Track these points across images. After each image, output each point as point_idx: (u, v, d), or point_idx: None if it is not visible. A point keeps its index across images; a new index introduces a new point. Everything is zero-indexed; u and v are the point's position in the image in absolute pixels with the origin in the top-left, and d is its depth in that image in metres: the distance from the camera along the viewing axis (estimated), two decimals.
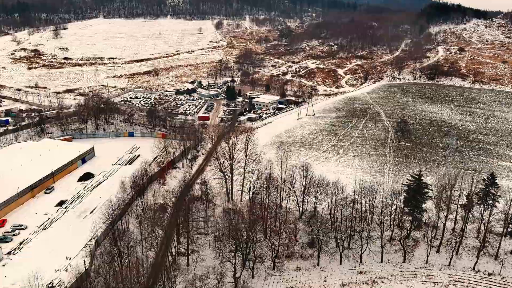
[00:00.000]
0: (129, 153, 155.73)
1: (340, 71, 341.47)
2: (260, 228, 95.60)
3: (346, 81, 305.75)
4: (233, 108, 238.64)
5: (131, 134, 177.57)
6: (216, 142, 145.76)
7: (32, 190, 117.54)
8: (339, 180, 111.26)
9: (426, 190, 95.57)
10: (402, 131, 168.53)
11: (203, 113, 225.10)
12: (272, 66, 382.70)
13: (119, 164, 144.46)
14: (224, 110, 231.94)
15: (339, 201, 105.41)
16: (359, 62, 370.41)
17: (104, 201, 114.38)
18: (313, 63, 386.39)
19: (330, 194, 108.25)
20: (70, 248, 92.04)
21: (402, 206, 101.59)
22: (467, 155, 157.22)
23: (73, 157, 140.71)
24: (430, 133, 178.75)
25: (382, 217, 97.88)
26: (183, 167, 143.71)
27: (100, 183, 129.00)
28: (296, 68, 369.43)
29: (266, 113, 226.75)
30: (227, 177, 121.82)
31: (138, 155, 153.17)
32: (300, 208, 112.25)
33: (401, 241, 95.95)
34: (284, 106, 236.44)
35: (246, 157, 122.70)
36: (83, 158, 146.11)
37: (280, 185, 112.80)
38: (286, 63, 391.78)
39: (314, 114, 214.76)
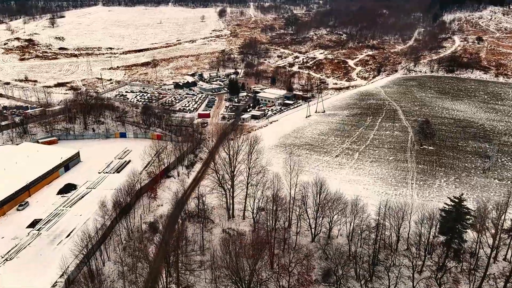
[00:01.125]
0: (119, 158, 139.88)
1: (351, 62, 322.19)
2: (266, 261, 79.86)
3: (357, 74, 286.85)
4: (236, 104, 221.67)
5: (122, 135, 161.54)
6: (214, 147, 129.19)
7: (2, 207, 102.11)
8: (359, 198, 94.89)
9: (468, 217, 78.77)
10: (425, 132, 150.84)
11: (203, 110, 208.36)
12: (278, 56, 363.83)
13: (106, 172, 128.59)
14: (226, 106, 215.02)
15: (360, 225, 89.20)
16: (370, 53, 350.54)
17: (85, 220, 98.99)
18: (321, 53, 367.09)
19: (349, 215, 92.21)
20: (37, 286, 76.69)
21: (436, 233, 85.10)
22: (499, 162, 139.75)
23: (55, 164, 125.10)
24: (455, 135, 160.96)
25: (411, 247, 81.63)
26: (178, 175, 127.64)
27: (83, 196, 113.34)
28: (303, 58, 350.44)
29: (271, 109, 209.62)
30: (227, 191, 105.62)
31: (129, 161, 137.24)
32: (313, 231, 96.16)
33: (435, 275, 79.86)
34: (291, 102, 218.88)
35: (249, 169, 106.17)
36: (67, 165, 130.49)
37: (289, 206, 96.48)
38: (292, 53, 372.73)
39: (324, 111, 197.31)
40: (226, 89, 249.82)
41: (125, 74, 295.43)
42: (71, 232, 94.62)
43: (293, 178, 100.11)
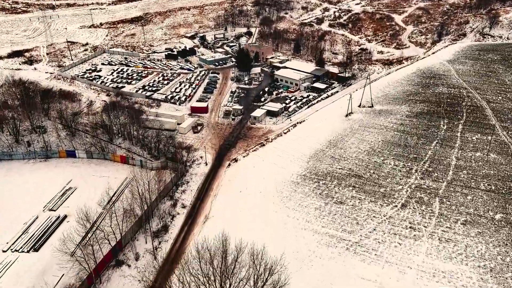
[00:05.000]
0: (51, 209, 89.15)
1: (398, 19, 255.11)
2: None
3: (409, 37, 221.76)
4: (246, 87, 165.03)
5: (71, 154, 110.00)
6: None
7: None
8: None
9: None
10: None
11: (199, 98, 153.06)
12: (303, 8, 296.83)
13: (14, 251, 77.73)
14: (232, 92, 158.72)
15: None
16: (422, 4, 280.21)
17: None
18: (358, 3, 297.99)
19: None
20: None
21: None
22: None
23: None
24: None
25: None
26: (136, 260, 76.33)
27: None
28: (334, 12, 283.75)
29: (295, 98, 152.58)
30: None
31: (64, 217, 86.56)
32: None
33: None
34: (323, 86, 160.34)
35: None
36: None
37: None
38: (321, 4, 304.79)
39: (372, 105, 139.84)
40: (234, 60, 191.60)
41: (107, 35, 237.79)
42: None
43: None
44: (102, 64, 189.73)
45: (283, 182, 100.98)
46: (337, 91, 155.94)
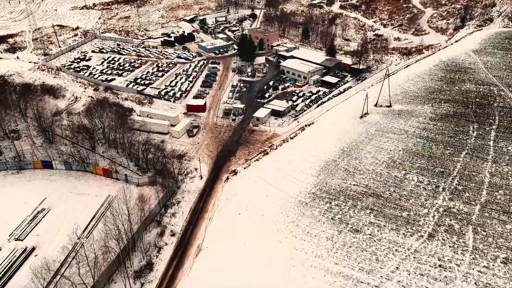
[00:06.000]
0: (16, 239, 76.82)
1: (415, 0, 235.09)
2: None
3: (428, 21, 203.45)
4: (249, 80, 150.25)
5: (47, 165, 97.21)
6: None
7: None
8: None
9: None
10: None
11: (196, 94, 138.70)
12: None
13: None
14: (233, 86, 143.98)
15: None
16: None
17: None
18: None
19: None
20: None
21: None
22: None
23: None
24: None
25: None
26: None
27: None
28: None
29: (303, 95, 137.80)
30: None
31: (32, 249, 74.34)
32: None
33: None
34: (334, 80, 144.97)
35: None
36: None
37: None
38: None
39: (390, 105, 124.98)
40: (235, 47, 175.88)
41: (100, 18, 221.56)
42: None
43: None
44: (93, 51, 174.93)
45: (289, 202, 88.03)
46: (350, 87, 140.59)
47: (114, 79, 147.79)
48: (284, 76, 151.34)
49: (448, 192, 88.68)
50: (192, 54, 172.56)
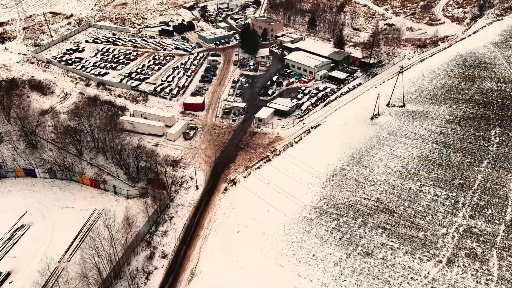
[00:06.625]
0: None
1: None
2: None
3: (443, 9, 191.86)
4: (251, 74, 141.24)
5: (30, 173, 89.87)
6: None
7: None
8: None
9: None
10: None
11: (194, 91, 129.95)
12: None
13: None
14: (234, 82, 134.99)
15: None
16: None
17: None
18: None
19: None
20: None
21: None
22: None
23: None
24: None
25: None
26: None
27: None
28: None
29: (309, 92, 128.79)
30: None
31: (7, 274, 67.36)
32: None
33: None
34: (342, 76, 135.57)
35: None
36: None
37: None
38: None
39: (404, 105, 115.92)
40: (237, 38, 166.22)
41: (95, 5, 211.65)
42: None
43: None
44: (86, 41, 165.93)
45: (292, 218, 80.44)
46: (360, 83, 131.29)
47: (108, 73, 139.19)
48: (288, 71, 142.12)
49: (469, 208, 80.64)
50: (191, 45, 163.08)
